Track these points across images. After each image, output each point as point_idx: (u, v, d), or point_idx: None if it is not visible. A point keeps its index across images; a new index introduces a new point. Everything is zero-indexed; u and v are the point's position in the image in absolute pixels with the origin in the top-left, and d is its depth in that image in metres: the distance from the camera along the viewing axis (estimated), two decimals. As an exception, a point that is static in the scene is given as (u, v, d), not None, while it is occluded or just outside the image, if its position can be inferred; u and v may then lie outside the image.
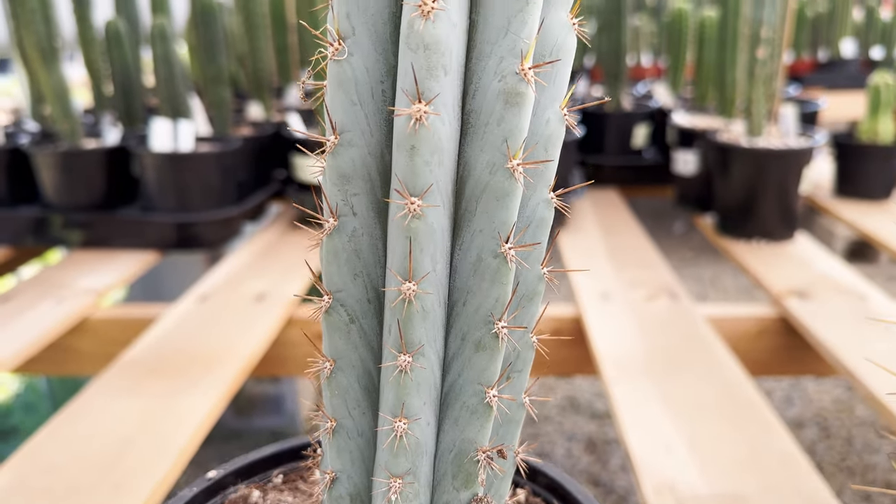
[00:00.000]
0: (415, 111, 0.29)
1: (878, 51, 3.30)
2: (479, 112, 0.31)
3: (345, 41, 0.31)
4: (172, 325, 1.19)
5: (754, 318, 1.26)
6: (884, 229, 1.60)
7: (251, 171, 1.68)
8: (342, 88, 0.31)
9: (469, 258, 0.33)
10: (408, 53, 0.29)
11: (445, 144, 0.30)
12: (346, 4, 0.30)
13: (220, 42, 1.62)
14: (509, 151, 0.30)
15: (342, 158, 0.32)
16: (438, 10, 0.28)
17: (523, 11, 0.29)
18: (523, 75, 0.29)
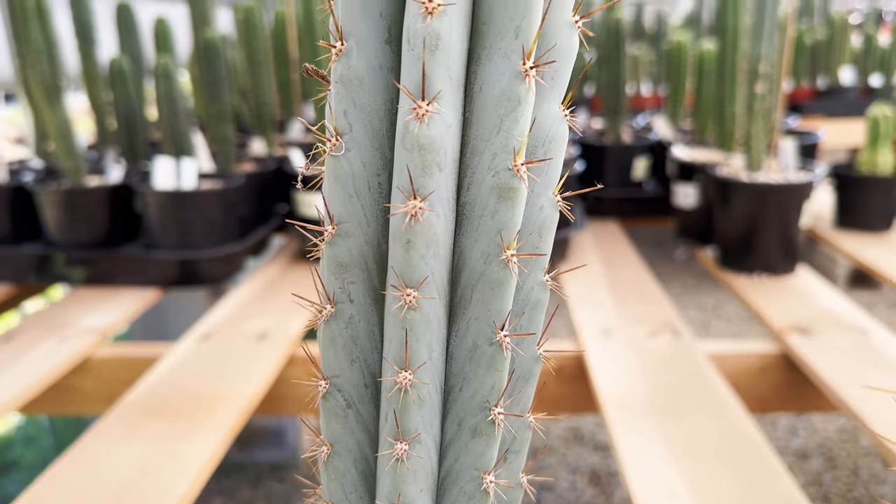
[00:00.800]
0: (410, 207, 0.29)
1: (877, 78, 3.32)
2: (473, 204, 0.31)
3: (342, 137, 0.31)
4: (174, 364, 1.19)
5: (756, 354, 1.26)
6: (884, 261, 1.60)
7: (253, 207, 1.68)
8: (339, 182, 0.32)
9: (465, 345, 0.34)
10: (403, 153, 0.29)
11: (441, 237, 0.31)
12: (344, 102, 0.31)
13: (224, 79, 1.64)
14: (503, 242, 0.31)
15: (339, 248, 0.32)
16: (433, 113, 0.28)
17: (515, 111, 0.29)
18: (516, 171, 0.30)
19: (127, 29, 1.90)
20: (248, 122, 2.05)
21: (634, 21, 4.21)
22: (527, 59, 0.29)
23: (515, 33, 0.29)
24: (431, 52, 0.28)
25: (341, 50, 0.30)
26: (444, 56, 0.28)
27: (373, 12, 0.30)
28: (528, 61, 0.29)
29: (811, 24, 4.31)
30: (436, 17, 0.27)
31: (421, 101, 0.28)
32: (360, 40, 0.30)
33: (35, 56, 1.46)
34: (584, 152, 1.93)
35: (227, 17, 2.77)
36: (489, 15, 0.29)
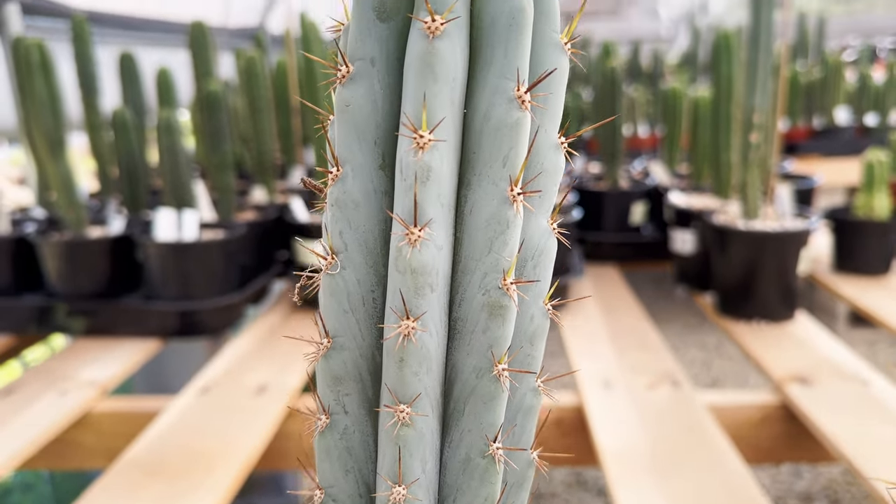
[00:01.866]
0: (403, 328, 0.30)
1: (872, 117, 3.35)
2: (465, 320, 0.32)
3: (337, 256, 0.32)
4: (173, 420, 1.19)
5: (756, 405, 1.26)
6: (884, 305, 1.60)
7: (254, 255, 1.70)
8: (335, 298, 0.32)
9: (458, 456, 0.34)
10: (396, 275, 0.30)
11: (433, 353, 0.32)
12: (339, 223, 0.32)
13: (225, 130, 1.66)
14: (494, 358, 0.32)
15: (334, 361, 0.33)
16: (424, 238, 0.29)
17: (504, 234, 0.31)
18: (505, 289, 0.31)
19: (130, 78, 1.93)
20: (250, 168, 2.07)
21: (631, 60, 4.27)
22: (514, 185, 0.30)
23: (503, 162, 0.30)
24: (423, 183, 0.29)
25: (337, 175, 0.31)
26: (434, 185, 0.29)
27: (368, 141, 0.31)
28: (515, 188, 0.30)
29: (806, 62, 4.36)
30: (427, 151, 0.29)
31: (413, 227, 0.30)
32: (356, 166, 0.31)
33: (39, 109, 1.49)
34: (581, 198, 1.94)
35: (229, 62, 2.81)
36: (478, 145, 0.30)
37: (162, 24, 2.84)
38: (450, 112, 0.29)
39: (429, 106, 0.28)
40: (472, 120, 0.30)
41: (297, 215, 1.72)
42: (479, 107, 0.30)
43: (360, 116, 0.30)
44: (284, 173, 2.18)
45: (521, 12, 0.28)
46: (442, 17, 0.27)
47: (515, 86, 0.29)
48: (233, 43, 3.19)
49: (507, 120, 0.29)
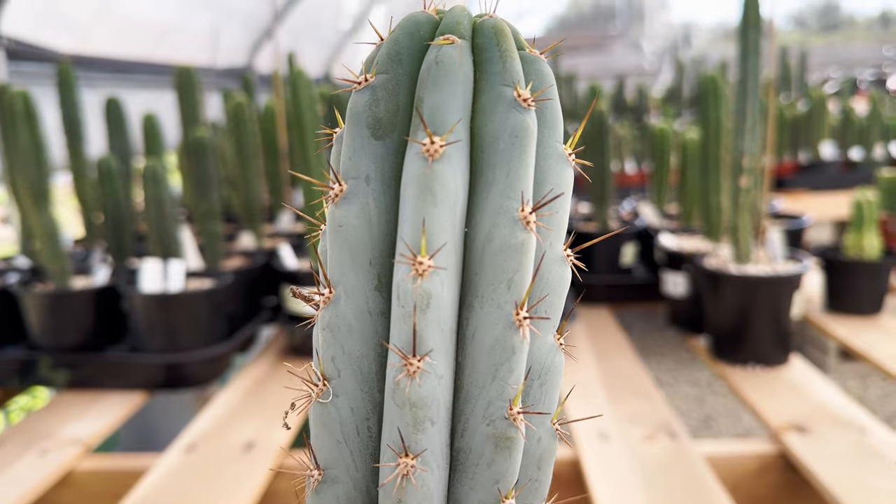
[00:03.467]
0: (402, 466, 0.28)
1: (857, 152, 3.38)
2: (468, 452, 0.30)
3: (329, 383, 0.30)
4: (159, 480, 1.15)
5: (754, 455, 1.23)
6: (877, 346, 1.59)
7: (242, 304, 1.67)
8: (326, 429, 0.31)
9: None
10: (394, 409, 0.28)
11: (434, 492, 0.30)
12: (331, 349, 0.30)
13: (213, 177, 1.64)
14: (501, 493, 0.30)
15: (326, 496, 0.31)
16: (424, 370, 0.28)
17: (510, 360, 0.29)
18: (512, 420, 0.29)
19: (116, 124, 1.92)
20: (237, 212, 2.05)
21: (616, 94, 4.30)
22: (519, 309, 0.28)
23: (507, 285, 0.28)
24: (422, 311, 0.27)
25: (329, 297, 0.30)
26: (435, 312, 0.28)
27: (362, 261, 0.29)
28: (521, 311, 0.28)
29: (789, 94, 4.41)
30: (426, 278, 0.27)
31: (412, 357, 0.28)
32: (349, 288, 0.30)
33: (23, 160, 1.47)
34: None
35: (217, 102, 2.81)
36: (480, 266, 0.29)
37: (149, 66, 2.84)
38: (450, 235, 0.27)
39: (428, 230, 0.26)
40: (474, 240, 0.29)
41: (286, 262, 1.70)
42: (482, 227, 0.28)
43: (354, 237, 0.29)
44: (272, 216, 2.17)
45: (525, 131, 0.27)
46: (441, 139, 0.26)
47: (520, 206, 0.27)
48: (220, 83, 3.19)
49: (511, 241, 0.28)
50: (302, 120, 1.57)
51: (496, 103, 0.27)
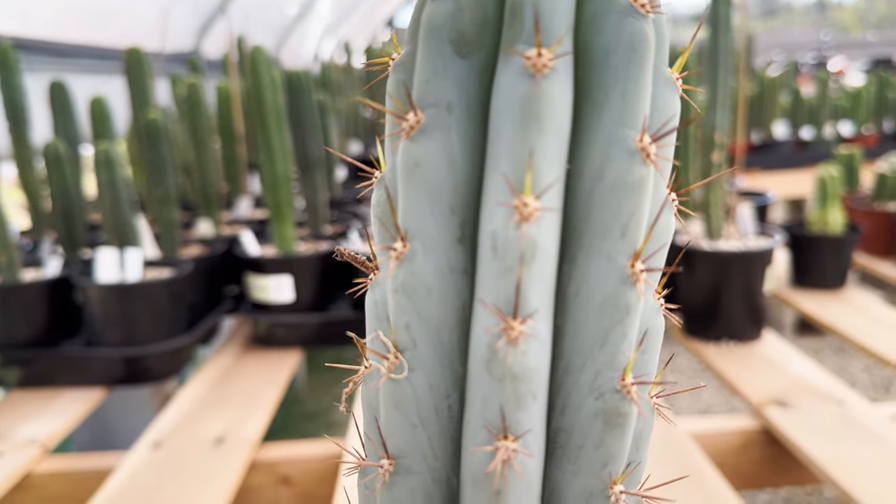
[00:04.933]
0: (502, 451, 0.24)
1: (808, 131, 3.43)
2: (570, 432, 0.26)
3: (403, 355, 0.26)
4: (126, 480, 1.09)
5: (737, 431, 1.23)
6: (843, 318, 1.61)
7: (203, 293, 1.60)
8: (401, 410, 0.26)
9: None
10: (490, 382, 0.24)
11: (535, 480, 0.25)
12: (406, 314, 0.25)
13: (168, 161, 1.57)
14: (611, 478, 0.26)
15: (400, 490, 0.27)
16: (528, 334, 0.23)
17: (623, 322, 0.25)
18: (626, 392, 0.25)
19: (61, 108, 1.82)
20: (193, 200, 1.96)
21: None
22: (635, 260, 0.24)
23: (622, 232, 0.24)
24: (528, 264, 0.23)
25: (403, 252, 0.25)
26: (539, 266, 0.23)
27: (443, 209, 0.25)
28: (637, 263, 0.24)
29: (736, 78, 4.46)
30: (532, 223, 0.22)
31: (513, 319, 0.23)
32: (427, 240, 0.25)
33: (-37, 145, 1.37)
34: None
35: (164, 88, 2.70)
36: (587, 211, 0.24)
37: (93, 50, 2.71)
38: (559, 171, 0.23)
39: (535, 164, 0.22)
40: (580, 178, 0.24)
41: (248, 248, 1.63)
42: (590, 161, 0.24)
43: (435, 178, 0.24)
44: (230, 203, 2.09)
45: (644, 42, 0.22)
46: (549, 51, 0.21)
47: (638, 135, 0.23)
48: (168, 68, 3.07)
49: (628, 178, 0.23)
50: (262, 99, 1.50)
51: (608, 9, 0.23)
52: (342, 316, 1.59)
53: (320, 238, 1.75)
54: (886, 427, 1.16)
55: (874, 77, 3.98)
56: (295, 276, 1.56)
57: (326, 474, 1.19)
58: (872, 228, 2.03)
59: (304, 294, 1.57)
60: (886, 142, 3.56)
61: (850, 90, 3.85)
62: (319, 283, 1.59)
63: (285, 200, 1.58)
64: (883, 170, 2.10)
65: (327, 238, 1.74)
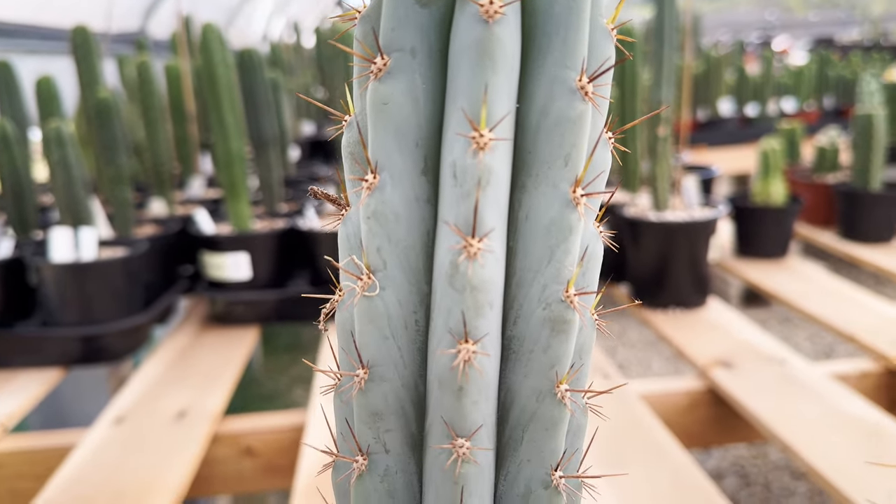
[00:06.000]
0: (463, 352, 0.27)
1: (753, 108, 3.53)
2: (522, 339, 0.29)
3: (375, 275, 0.28)
4: (88, 455, 1.09)
5: (685, 392, 1.28)
6: (784, 287, 1.68)
7: (158, 273, 1.60)
8: (374, 324, 0.29)
9: (516, 490, 0.31)
10: (452, 293, 0.27)
11: (492, 379, 0.29)
12: (377, 238, 0.28)
13: (120, 141, 1.56)
14: (557, 378, 0.29)
15: (374, 395, 0.30)
16: (485, 250, 0.26)
17: (567, 241, 0.28)
18: (569, 302, 0.28)
19: (7, 88, 1.79)
20: (145, 180, 1.95)
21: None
22: (576, 186, 0.27)
23: (565, 161, 0.27)
24: (484, 189, 0.26)
25: (374, 183, 0.28)
26: (494, 191, 0.26)
27: (409, 143, 0.27)
28: (578, 189, 0.27)
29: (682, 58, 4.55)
30: (487, 152, 0.25)
31: (471, 238, 0.26)
32: (395, 172, 0.28)
33: None
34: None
35: (111, 69, 2.66)
36: (534, 143, 0.27)
37: (35, 30, 2.65)
38: (509, 106, 0.26)
39: (489, 99, 0.25)
40: (528, 114, 0.27)
41: (202, 227, 1.63)
42: (536, 99, 0.27)
43: (401, 116, 0.27)
44: (182, 184, 2.08)
45: None
46: (500, 0, 0.24)
47: (578, 75, 0.26)
48: (113, 49, 3.02)
49: (569, 113, 0.26)
50: (215, 76, 1.50)
51: (552, -34, 0.26)
52: (300, 292, 1.60)
53: (276, 216, 1.76)
54: (825, 385, 1.23)
55: (816, 56, 4.10)
56: (251, 254, 1.57)
57: (289, 445, 1.21)
58: (813, 200, 2.12)
59: (261, 271, 1.58)
60: (827, 117, 3.68)
61: (792, 68, 3.97)
62: (276, 260, 1.60)
63: (240, 178, 1.58)
64: (822, 143, 2.19)
65: (283, 216, 1.75)
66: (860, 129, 1.92)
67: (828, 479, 0.95)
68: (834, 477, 0.95)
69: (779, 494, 2.00)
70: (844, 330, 1.44)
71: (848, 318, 1.49)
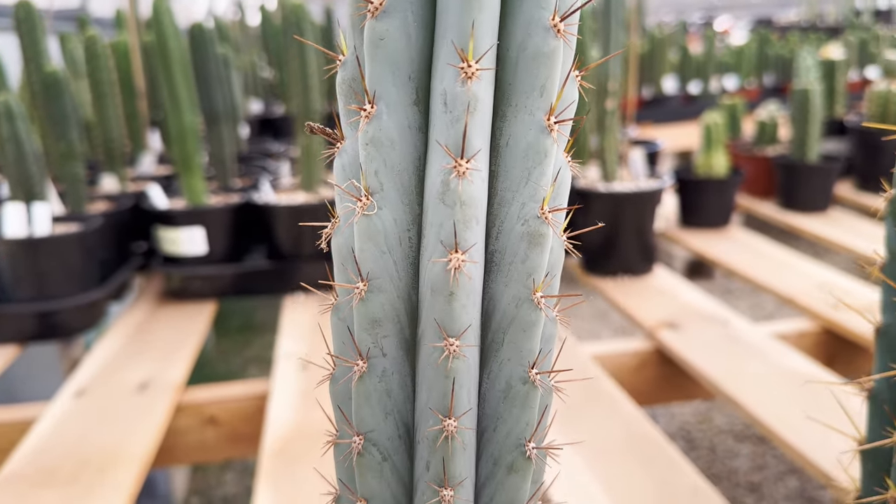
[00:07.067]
0: (454, 261, 0.30)
1: (696, 85, 3.62)
2: (503, 252, 0.33)
3: (373, 196, 0.31)
4: (51, 427, 1.10)
5: (633, 352, 1.34)
6: (725, 254, 1.76)
7: (113, 249, 1.59)
8: (372, 240, 0.32)
9: (498, 386, 0.35)
10: (443, 209, 0.30)
11: (478, 285, 0.32)
12: (375, 162, 0.31)
13: (70, 116, 1.54)
14: (534, 286, 0.32)
15: (373, 304, 0.33)
16: (473, 169, 0.29)
17: (542, 163, 0.31)
18: (544, 218, 0.32)
19: (-53, 64, 1.74)
20: (94, 156, 1.93)
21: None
22: (551, 114, 0.31)
23: (540, 92, 0.30)
24: (471, 115, 0.29)
25: (371, 112, 0.31)
26: (480, 116, 0.30)
27: (402, 75, 0.31)
28: (552, 116, 0.31)
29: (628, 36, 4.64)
30: (475, 81, 0.29)
31: (461, 159, 0.30)
32: (391, 102, 0.31)
33: None
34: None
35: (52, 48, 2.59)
36: (514, 76, 0.31)
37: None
38: (493, 41, 0.29)
39: (476, 35, 0.28)
40: (507, 50, 0.31)
41: (156, 202, 1.63)
42: (515, 37, 0.30)
43: (395, 50, 0.30)
44: (133, 161, 2.06)
45: None
46: (485, -57, 0.27)
47: (551, 15, 0.29)
48: (54, 27, 2.95)
49: (544, 49, 0.30)
50: (167, 49, 1.49)
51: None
52: (257, 266, 1.61)
53: (230, 191, 1.76)
54: (767, 343, 1.30)
55: (756, 35, 4.23)
56: (207, 228, 1.57)
57: (252, 413, 1.23)
58: (754, 172, 2.21)
59: (217, 246, 1.59)
60: (767, 94, 3.80)
61: (734, 48, 4.08)
62: (232, 234, 1.61)
63: (193, 152, 1.58)
64: (762, 117, 2.27)
65: (237, 191, 1.76)
66: (798, 104, 2.01)
67: (771, 429, 1.01)
68: (777, 426, 1.02)
69: (723, 456, 2.09)
70: (784, 293, 1.52)
71: (787, 282, 1.57)
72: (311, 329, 1.43)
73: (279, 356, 1.32)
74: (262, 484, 0.94)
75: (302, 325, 1.45)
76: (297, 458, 1.00)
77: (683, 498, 0.88)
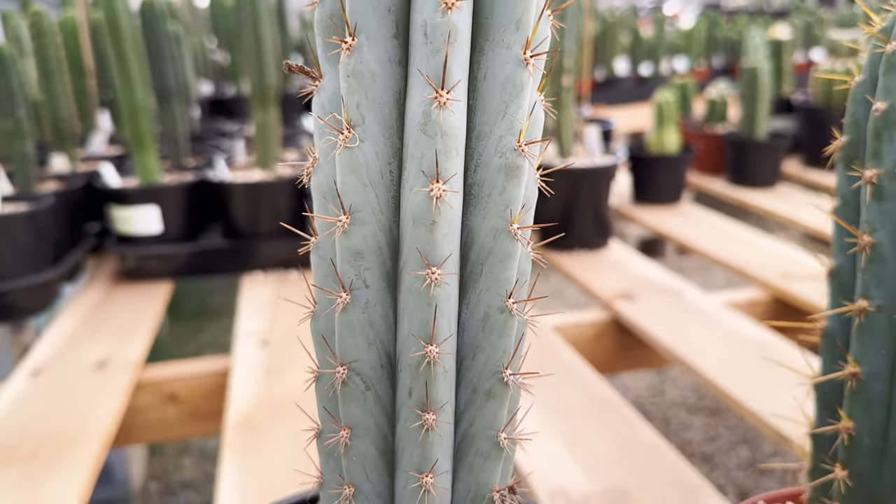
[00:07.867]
0: (436, 191, 0.31)
1: (647, 67, 3.68)
2: (481, 184, 0.34)
3: (355, 129, 0.32)
4: (7, 407, 1.08)
5: (591, 323, 1.37)
6: (676, 229, 1.80)
7: (65, 229, 1.56)
8: (354, 173, 0.32)
9: (476, 315, 0.36)
10: (425, 139, 0.31)
11: (458, 215, 0.33)
12: (356, 95, 0.32)
13: (17, 93, 1.50)
14: (511, 217, 0.33)
15: (355, 236, 0.33)
16: (453, 100, 0.30)
17: (519, 97, 0.32)
18: (521, 151, 0.33)
19: None
20: (43, 136, 1.88)
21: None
22: (527, 48, 0.32)
23: (517, 26, 0.31)
24: (452, 45, 0.30)
25: (352, 45, 0.31)
26: (459, 48, 0.30)
27: (381, 8, 0.31)
28: (528, 50, 0.32)
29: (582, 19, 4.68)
30: (454, 11, 0.29)
31: (441, 90, 0.30)
32: (371, 35, 0.31)
33: None
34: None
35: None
36: (491, 10, 0.32)
37: None
38: None
39: None
40: None
41: (109, 180, 1.60)
42: None
43: None
44: (83, 141, 2.01)
45: None
46: None
47: None
48: (-5, 4, 2.85)
49: None
50: (118, 25, 1.47)
51: None
52: (213, 245, 1.60)
53: (183, 169, 1.74)
54: (719, 312, 1.34)
55: (705, 18, 4.30)
56: (161, 207, 1.55)
57: (213, 390, 1.22)
58: (704, 149, 2.25)
59: (172, 225, 1.57)
60: (716, 75, 3.87)
61: (683, 31, 4.15)
62: (187, 213, 1.59)
63: (146, 130, 1.56)
64: (712, 96, 2.32)
65: (191, 169, 1.73)
66: (747, 82, 2.06)
67: (726, 392, 1.05)
68: (731, 389, 1.05)
69: (677, 428, 2.14)
70: (735, 264, 1.56)
71: (738, 254, 1.62)
72: (271, 305, 1.43)
73: (239, 334, 1.31)
74: (227, 455, 0.94)
75: (262, 303, 1.44)
76: (261, 429, 1.00)
77: (643, 455, 0.91)
